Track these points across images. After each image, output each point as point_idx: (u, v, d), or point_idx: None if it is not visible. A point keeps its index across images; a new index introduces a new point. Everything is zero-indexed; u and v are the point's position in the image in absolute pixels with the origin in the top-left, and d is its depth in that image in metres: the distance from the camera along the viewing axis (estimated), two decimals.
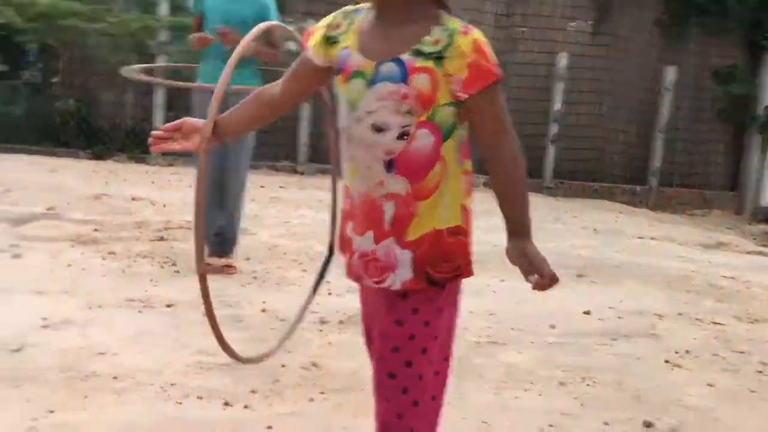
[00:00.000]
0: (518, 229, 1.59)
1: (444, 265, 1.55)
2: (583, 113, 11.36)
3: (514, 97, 10.93)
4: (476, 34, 1.46)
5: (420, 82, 1.46)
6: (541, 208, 8.37)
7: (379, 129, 1.48)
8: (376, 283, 1.55)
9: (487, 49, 1.46)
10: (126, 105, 9.16)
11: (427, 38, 1.46)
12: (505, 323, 3.70)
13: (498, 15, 10.96)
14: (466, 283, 1.59)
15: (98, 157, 8.32)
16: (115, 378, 2.63)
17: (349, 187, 1.58)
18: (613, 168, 11.63)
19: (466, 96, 1.47)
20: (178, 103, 8.90)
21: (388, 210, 1.52)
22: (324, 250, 2.57)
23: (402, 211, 1.52)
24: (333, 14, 1.59)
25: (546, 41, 11.12)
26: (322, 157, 8.58)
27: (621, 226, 7.42)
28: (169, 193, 6.34)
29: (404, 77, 1.46)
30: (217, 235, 4.18)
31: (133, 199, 5.97)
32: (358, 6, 1.56)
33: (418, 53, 1.45)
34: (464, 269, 1.59)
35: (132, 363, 2.77)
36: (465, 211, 1.59)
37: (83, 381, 2.58)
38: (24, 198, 5.44)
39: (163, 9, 8.63)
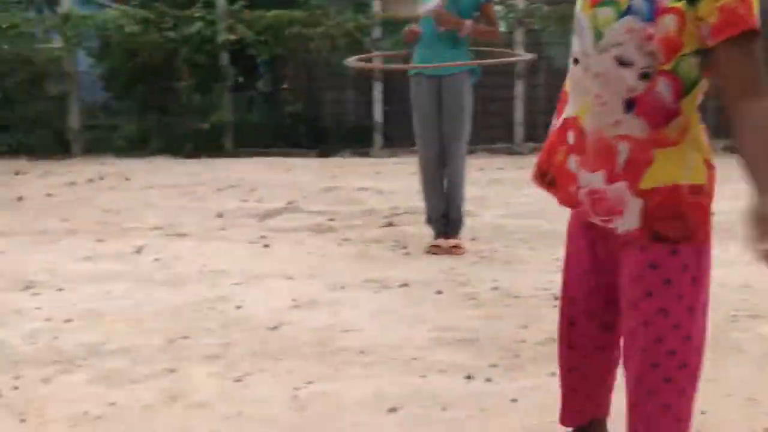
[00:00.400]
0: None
1: (676, 223, 1.41)
2: None
3: None
4: None
5: (667, 23, 1.33)
6: None
7: (623, 63, 1.38)
8: (603, 221, 1.48)
9: None
10: (347, 103, 9.67)
11: None
12: (763, 295, 3.35)
13: None
14: (714, 256, 1.45)
15: (325, 154, 8.86)
16: (362, 352, 2.78)
17: (578, 120, 1.49)
18: None
19: (712, 44, 1.31)
20: (393, 97, 9.20)
21: (623, 151, 1.42)
22: (550, 227, 2.49)
23: (637, 155, 1.41)
24: None
25: None
26: (539, 136, 8.42)
27: None
28: (393, 181, 6.58)
29: (651, 16, 1.34)
30: (443, 217, 4.25)
31: (360, 189, 6.27)
32: None
33: None
34: (699, 233, 1.43)
35: (376, 338, 2.90)
36: (709, 170, 1.44)
37: (334, 355, 2.76)
38: (267, 195, 5.94)
39: (376, 6, 8.96)
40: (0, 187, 6.40)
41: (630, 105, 1.40)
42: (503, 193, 6.02)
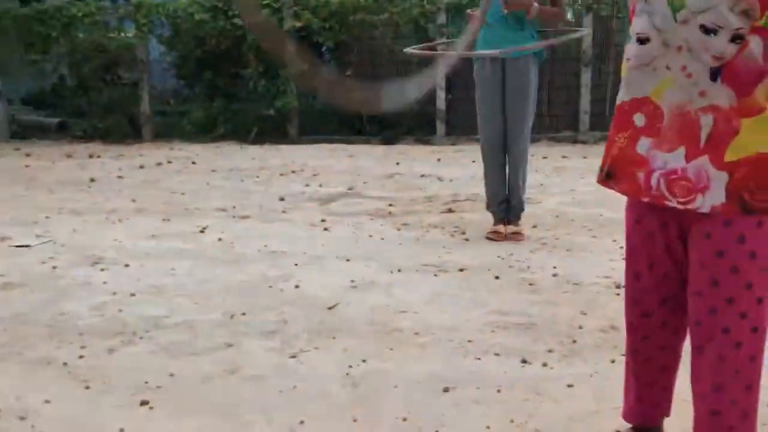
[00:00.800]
0: None
1: (765, 193, 1.36)
2: None
3: None
4: None
5: None
6: None
7: (709, 30, 1.33)
8: (682, 203, 1.41)
9: None
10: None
11: None
12: None
13: None
14: None
15: (388, 141, 8.86)
16: (417, 333, 2.77)
17: (652, 99, 1.44)
18: None
19: None
20: (457, 85, 9.14)
21: (706, 124, 1.37)
22: (612, 215, 2.42)
23: (722, 127, 1.36)
24: None
25: None
26: (605, 125, 8.21)
27: None
28: (454, 169, 6.54)
29: None
30: (504, 202, 4.20)
31: (421, 176, 6.25)
32: None
33: None
34: None
35: (431, 320, 2.90)
36: None
37: (389, 335, 2.76)
38: (328, 180, 5.99)
39: None
40: (75, 169, 6.64)
41: (716, 74, 1.34)
42: (567, 181, 5.90)
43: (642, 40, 1.43)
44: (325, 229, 4.43)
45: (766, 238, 1.39)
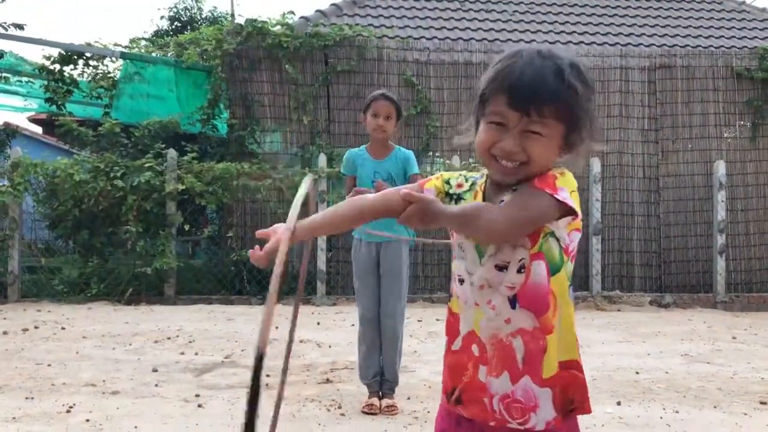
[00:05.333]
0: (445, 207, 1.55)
1: (578, 395, 1.58)
2: (751, 220, 10.77)
3: (672, 210, 10.61)
4: (557, 170, 1.57)
5: None
6: (716, 326, 7.86)
7: (501, 267, 1.57)
8: (521, 424, 1.55)
9: (558, 183, 1.53)
10: (292, 250, 9.85)
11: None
12: None
13: (645, 130, 10.88)
14: (636, 416, 1.55)
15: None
16: None
17: (476, 332, 1.62)
18: None
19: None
20: (338, 245, 9.46)
21: (518, 348, 1.56)
22: None
23: (532, 346, 1.55)
24: (453, 174, 1.74)
25: (701, 151, 10.82)
26: None
27: None
28: (333, 333, 6.65)
29: None
30: (378, 375, 4.33)
31: (300, 341, 6.31)
32: (476, 174, 1.72)
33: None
34: (581, 405, 1.59)
35: None
36: (577, 345, 1.62)
37: None
38: (205, 347, 5.93)
39: (321, 161, 9.38)
40: None
41: (514, 301, 1.57)
42: (440, 346, 6.11)
43: (461, 281, 1.66)
44: (199, 405, 4.36)
45: None
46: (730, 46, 11.26)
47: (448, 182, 1.72)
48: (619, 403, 4.39)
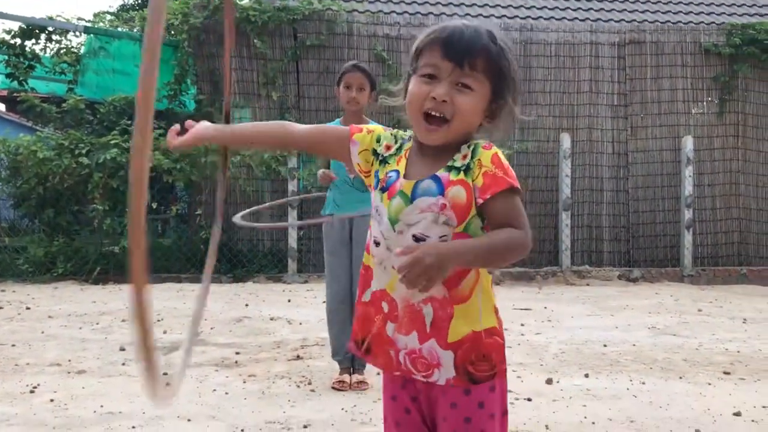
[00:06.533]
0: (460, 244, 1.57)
1: (482, 364, 1.64)
2: (717, 195, 10.92)
3: (641, 185, 10.72)
4: (495, 149, 1.62)
5: (455, 193, 1.60)
6: (682, 299, 7.98)
7: (419, 239, 1.61)
8: (425, 377, 1.66)
9: (505, 163, 1.61)
10: (268, 233, 9.79)
11: (457, 155, 1.62)
12: (648, 431, 3.53)
13: (614, 106, 10.94)
14: (603, 388, 1.56)
15: (239, 279, 8.85)
16: None
17: (389, 293, 1.68)
18: (759, 249, 10.98)
19: (481, 201, 1.58)
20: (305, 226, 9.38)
21: (428, 313, 1.64)
22: None
23: (440, 314, 1.63)
24: (386, 132, 1.77)
25: (669, 126, 10.91)
26: None
27: None
28: (304, 310, 6.63)
29: (441, 190, 1.60)
30: (349, 352, 4.32)
31: (271, 319, 6.28)
32: (404, 135, 1.75)
33: (451, 168, 1.61)
34: (500, 369, 1.67)
35: None
36: (497, 313, 1.69)
37: None
38: (173, 326, 5.87)
39: None
40: None
41: None
42: None
43: (376, 243, 1.69)
44: (167, 384, 4.30)
45: (498, 400, 1.67)
46: (698, 21, 11.33)
47: (378, 140, 1.75)
48: (587, 376, 4.44)
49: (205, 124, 1.77)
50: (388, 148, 1.74)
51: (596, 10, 11.50)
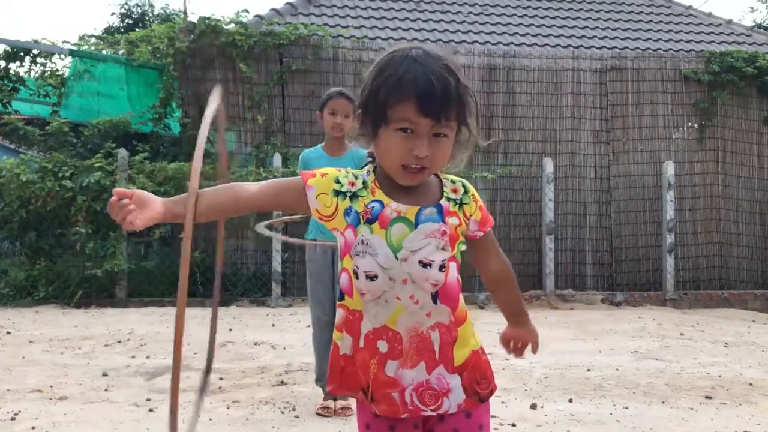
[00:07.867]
0: (520, 313, 1.88)
1: (484, 382, 1.71)
2: (698, 219, 11.05)
3: (623, 210, 10.82)
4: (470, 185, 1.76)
5: (452, 222, 1.68)
6: (665, 323, 8.04)
7: (425, 264, 1.64)
8: (434, 410, 1.67)
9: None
10: (247, 251, 9.77)
11: (447, 188, 1.71)
12: None
13: (597, 131, 11.07)
14: (587, 413, 1.63)
15: (223, 303, 8.80)
16: None
17: (391, 327, 1.65)
18: (740, 273, 11.10)
19: (481, 234, 1.73)
20: (294, 246, 9.39)
21: (436, 339, 1.67)
22: None
23: (446, 338, 1.67)
24: (338, 172, 1.70)
25: (651, 152, 11.06)
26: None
27: (753, 338, 6.98)
28: (288, 335, 6.60)
29: (442, 218, 1.67)
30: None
31: (255, 344, 6.25)
32: (360, 172, 1.71)
33: (449, 199, 1.69)
34: (494, 386, 1.74)
35: None
36: (474, 331, 1.76)
37: None
38: (156, 351, 5.83)
39: (276, 161, 9.32)
40: None
41: (436, 297, 1.66)
42: None
43: (371, 278, 1.65)
44: (151, 410, 4.28)
45: (488, 420, 1.75)
46: (678, 49, 11.54)
47: (337, 181, 1.68)
48: (570, 401, 4.46)
49: (150, 205, 1.62)
50: (352, 184, 1.68)
51: (578, 36, 11.69)
